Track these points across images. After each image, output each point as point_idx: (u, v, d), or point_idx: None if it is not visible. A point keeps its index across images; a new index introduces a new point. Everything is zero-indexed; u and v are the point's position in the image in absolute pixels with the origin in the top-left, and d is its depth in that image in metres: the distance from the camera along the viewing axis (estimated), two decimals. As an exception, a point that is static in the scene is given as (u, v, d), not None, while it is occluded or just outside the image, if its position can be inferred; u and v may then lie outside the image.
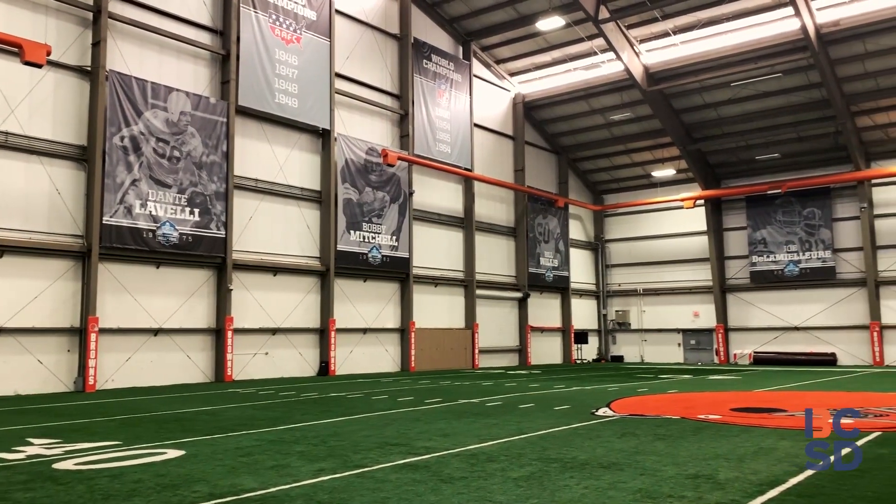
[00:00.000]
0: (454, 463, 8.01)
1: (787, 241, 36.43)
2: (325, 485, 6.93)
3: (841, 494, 6.34)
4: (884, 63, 30.41)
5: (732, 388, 19.25)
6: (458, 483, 6.93)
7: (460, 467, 7.74)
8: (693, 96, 34.97)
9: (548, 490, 6.61)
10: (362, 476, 7.33)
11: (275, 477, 7.31)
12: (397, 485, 6.88)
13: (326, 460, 8.24)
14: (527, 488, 6.68)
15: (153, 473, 7.52)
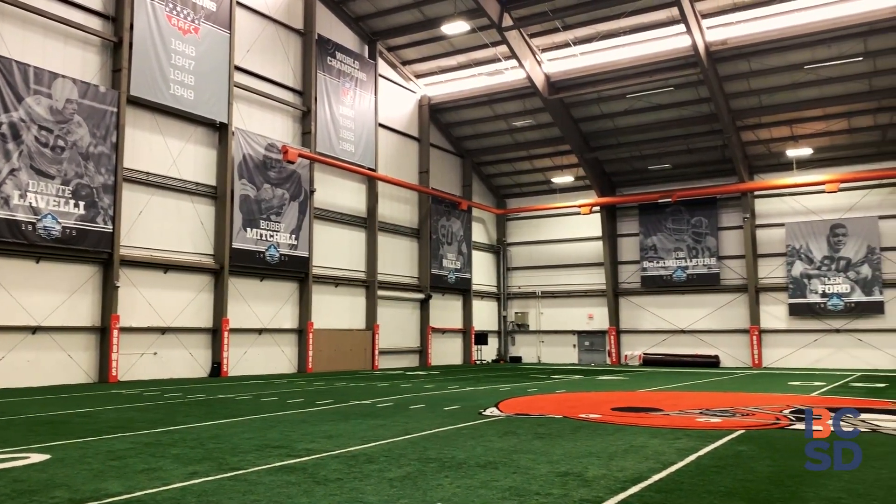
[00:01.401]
0: (332, 465, 7.97)
1: (675, 248, 38.15)
2: (195, 488, 6.75)
3: (697, 490, 6.69)
4: (767, 82, 32.31)
5: (618, 389, 19.98)
6: (331, 485, 6.90)
7: (338, 469, 7.71)
8: (591, 106, 36.11)
9: (421, 490, 6.68)
10: (235, 479, 7.19)
11: (143, 481, 7.07)
12: (270, 487, 6.78)
13: (201, 463, 8.03)
14: (400, 489, 6.72)
15: (10, 479, 7.13)
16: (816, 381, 23.43)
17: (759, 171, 36.36)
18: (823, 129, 33.64)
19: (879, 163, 33.64)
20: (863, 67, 30.50)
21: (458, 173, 41.05)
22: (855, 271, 33.81)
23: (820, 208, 34.92)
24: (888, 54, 29.52)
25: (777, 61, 31.22)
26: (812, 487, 6.74)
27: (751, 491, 6.62)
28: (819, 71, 31.00)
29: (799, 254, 35.05)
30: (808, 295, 34.70)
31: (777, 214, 36.04)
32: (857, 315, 33.72)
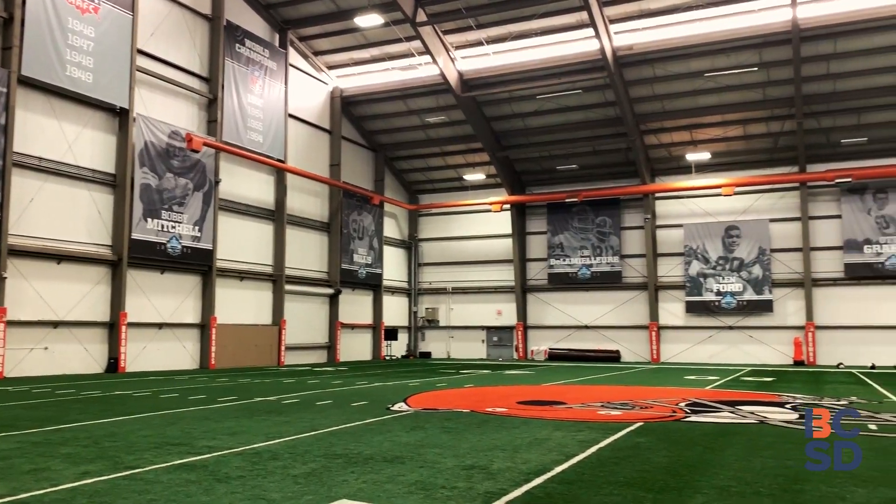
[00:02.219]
0: (235, 462, 7.75)
1: (581, 246, 39.20)
2: (86, 488, 6.42)
3: (597, 481, 6.87)
4: (669, 87, 33.62)
5: (524, 383, 20.35)
6: (234, 482, 6.71)
7: (240, 466, 7.51)
8: (503, 105, 36.61)
9: (326, 486, 6.59)
10: (131, 478, 6.88)
11: (30, 482, 6.67)
12: (168, 486, 6.53)
13: (94, 462, 7.65)
14: (305, 485, 6.60)
15: None
16: (710, 375, 24.58)
17: (661, 174, 37.79)
18: (721, 135, 35.31)
19: (771, 168, 35.58)
20: (758, 77, 32.18)
21: (371, 167, 40.80)
22: (747, 271, 35.66)
23: (716, 211, 36.63)
24: (781, 66, 31.25)
25: (679, 68, 32.52)
26: (705, 476, 7.05)
27: (648, 481, 6.86)
28: (718, 79, 32.50)
29: (696, 254, 36.67)
30: (704, 293, 36.36)
31: (676, 216, 37.57)
32: (749, 313, 35.60)
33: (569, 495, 6.25)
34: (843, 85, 31.69)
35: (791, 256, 35.11)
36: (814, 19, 29.15)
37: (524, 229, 41.07)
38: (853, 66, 30.85)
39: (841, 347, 33.67)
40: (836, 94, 32.04)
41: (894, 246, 33.19)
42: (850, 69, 30.99)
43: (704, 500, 6.09)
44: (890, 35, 29.20)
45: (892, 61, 30.21)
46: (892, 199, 33.36)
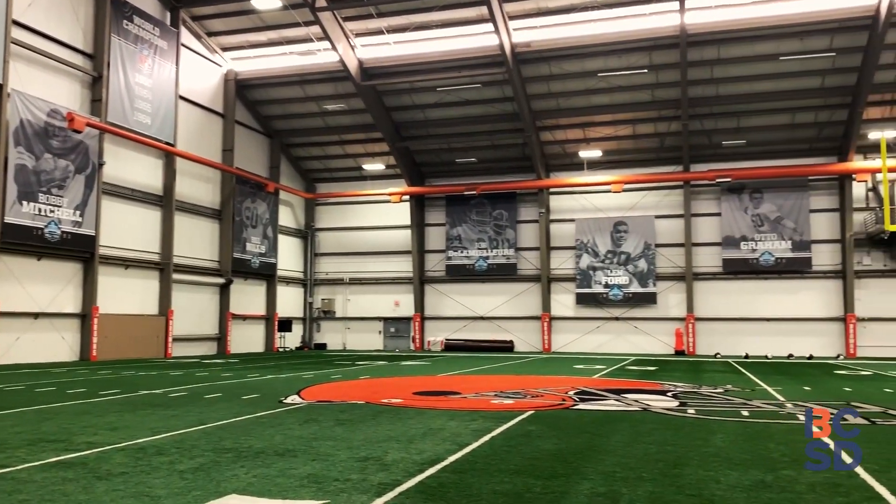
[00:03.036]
0: (117, 458, 7.40)
1: (478, 239, 39.75)
2: (-53, 492, 5.96)
3: (489, 469, 6.99)
4: (564, 86, 34.52)
5: (420, 374, 20.47)
6: (115, 479, 6.41)
7: (123, 462, 7.18)
8: (403, 96, 36.54)
9: (214, 481, 6.39)
10: (1, 477, 6.44)
11: None
12: (42, 485, 6.16)
13: (-43, 463, 7.11)
14: (192, 480, 6.39)
15: None
16: (598, 364, 25.51)
17: (555, 170, 38.80)
18: (612, 134, 36.60)
19: (658, 167, 37.21)
20: (647, 79, 33.54)
21: (266, 154, 39.81)
22: (633, 265, 37.21)
23: (606, 206, 37.97)
24: (669, 69, 32.68)
25: (574, 67, 33.45)
26: (591, 463, 7.30)
27: (538, 468, 7.04)
28: (610, 79, 33.65)
29: (586, 247, 37.92)
30: (593, 285, 37.68)
31: (569, 210, 38.71)
32: (634, 304, 37.17)
33: (461, 484, 6.33)
34: (726, 89, 33.50)
35: (674, 251, 36.90)
36: (700, 25, 30.63)
37: (423, 221, 41.22)
38: (735, 72, 32.67)
39: (718, 338, 35.73)
40: (719, 98, 33.85)
41: (768, 243, 35.46)
42: (732, 74, 32.80)
43: (591, 485, 6.31)
44: (769, 44, 31.09)
45: (770, 69, 32.17)
46: (766, 198, 35.60)
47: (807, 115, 33.99)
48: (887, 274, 34.35)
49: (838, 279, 34.75)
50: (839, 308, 34.59)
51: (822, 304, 35.00)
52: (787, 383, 17.49)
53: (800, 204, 35.22)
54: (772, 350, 34.28)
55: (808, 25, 30.02)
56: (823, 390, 15.61)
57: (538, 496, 5.93)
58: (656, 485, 6.35)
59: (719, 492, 6.10)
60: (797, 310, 35.14)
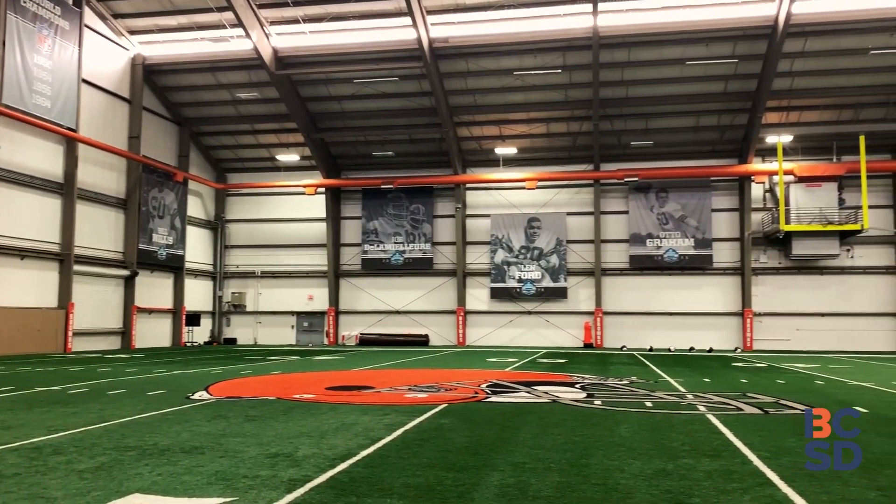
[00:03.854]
0: (10, 458, 7.04)
1: (395, 233, 39.69)
2: None
3: (401, 462, 7.02)
4: (481, 83, 34.85)
5: (334, 368, 20.29)
6: (7, 481, 6.10)
7: (16, 463, 6.83)
8: (319, 87, 36.04)
9: (116, 480, 6.17)
10: None
11: None
12: (-76, 490, 5.78)
13: None
14: (92, 480, 6.14)
15: None
16: (510, 357, 25.94)
17: (472, 165, 39.14)
18: (526, 132, 37.21)
19: (570, 165, 38.09)
20: (561, 79, 34.24)
21: (175, 142, 38.49)
22: (546, 260, 37.99)
23: (521, 203, 38.60)
24: (582, 70, 33.46)
25: (490, 64, 33.81)
26: (501, 454, 7.44)
27: (449, 460, 7.11)
28: (525, 78, 34.18)
29: (501, 243, 38.46)
30: (507, 280, 38.27)
31: (485, 206, 39.14)
32: (546, 299, 37.97)
33: (373, 478, 6.33)
34: (635, 91, 34.59)
35: (584, 248, 37.90)
36: (611, 28, 31.49)
37: (339, 214, 40.80)
38: (644, 75, 33.77)
39: (624, 331, 36.95)
40: (628, 100, 34.92)
41: (672, 240, 36.87)
42: (641, 77, 33.89)
43: (500, 477, 6.43)
44: (676, 48, 32.27)
45: (677, 73, 33.41)
46: (672, 198, 37.00)
47: (710, 118, 35.51)
48: (782, 271, 36.33)
49: (737, 276, 36.50)
50: (737, 303, 36.35)
51: (721, 300, 36.69)
52: (689, 375, 18.26)
53: (702, 203, 36.78)
54: (675, 343, 35.71)
55: (712, 32, 31.32)
56: (722, 382, 16.39)
57: (449, 489, 6.00)
58: (563, 475, 6.53)
59: (623, 480, 6.33)
60: (699, 305, 36.73)
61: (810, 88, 33.35)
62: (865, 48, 31.00)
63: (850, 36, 30.71)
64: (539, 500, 5.64)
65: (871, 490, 6.00)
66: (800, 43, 31.14)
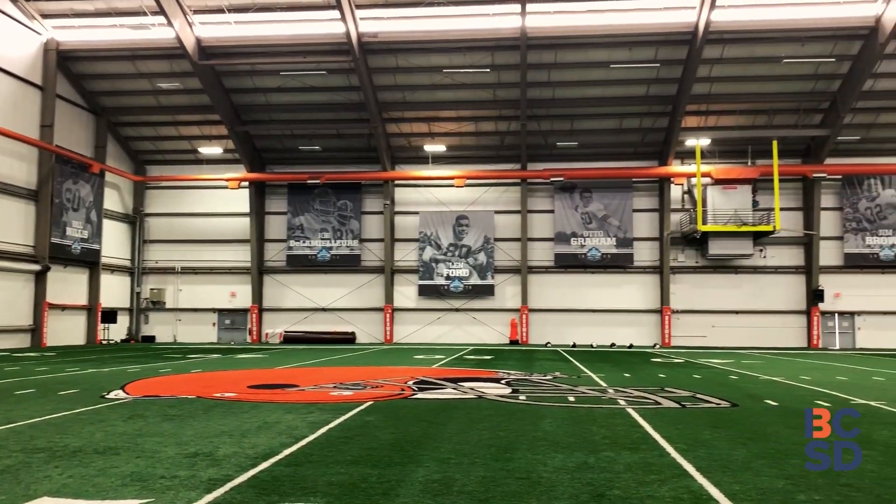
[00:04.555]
0: None
1: (322, 229, 39.21)
2: None
3: (325, 460, 6.93)
4: (410, 79, 34.77)
5: (257, 367, 19.90)
6: None
7: (-90, 469, 6.41)
8: (244, 78, 35.26)
9: (23, 484, 5.88)
10: None
11: None
12: None
13: None
14: (-5, 485, 5.82)
15: None
16: (437, 354, 26.02)
17: (400, 162, 39.05)
18: (456, 130, 37.36)
19: (498, 164, 38.46)
20: (489, 78, 34.51)
21: (91, 132, 36.94)
22: (473, 258, 38.26)
23: (449, 200, 38.74)
24: (510, 70, 33.80)
25: (420, 61, 33.78)
26: (427, 451, 7.43)
27: (374, 458, 7.07)
28: (455, 76, 34.30)
29: (430, 240, 38.52)
30: (435, 277, 38.36)
31: (414, 203, 39.11)
32: (473, 296, 38.24)
33: (296, 477, 6.23)
34: (561, 93, 35.17)
35: (511, 245, 38.33)
36: (539, 29, 31.91)
37: (263, 209, 40.00)
38: (570, 77, 34.37)
39: (549, 328, 37.59)
40: (555, 101, 35.49)
41: (595, 239, 37.69)
42: (567, 79, 34.47)
43: (426, 472, 6.42)
44: (601, 51, 32.96)
45: (602, 75, 34.14)
46: (595, 198, 37.82)
47: (633, 120, 36.45)
48: (698, 270, 37.64)
49: (656, 274, 37.62)
50: (656, 301, 37.48)
51: (641, 297, 37.76)
52: (610, 370, 18.71)
53: (624, 204, 37.75)
54: (597, 339, 36.56)
55: (635, 36, 32.14)
56: (641, 376, 16.85)
57: (374, 486, 5.96)
58: (488, 469, 6.58)
59: (546, 474, 6.42)
60: (620, 302, 37.70)
61: (727, 94, 34.64)
62: (779, 56, 32.40)
63: (764, 44, 32.03)
64: (463, 495, 5.66)
65: (780, 479, 6.27)
66: (718, 49, 32.29)
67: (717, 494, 5.75)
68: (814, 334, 36.26)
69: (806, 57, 32.31)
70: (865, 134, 35.74)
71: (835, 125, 34.01)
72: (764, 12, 30.99)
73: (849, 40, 31.59)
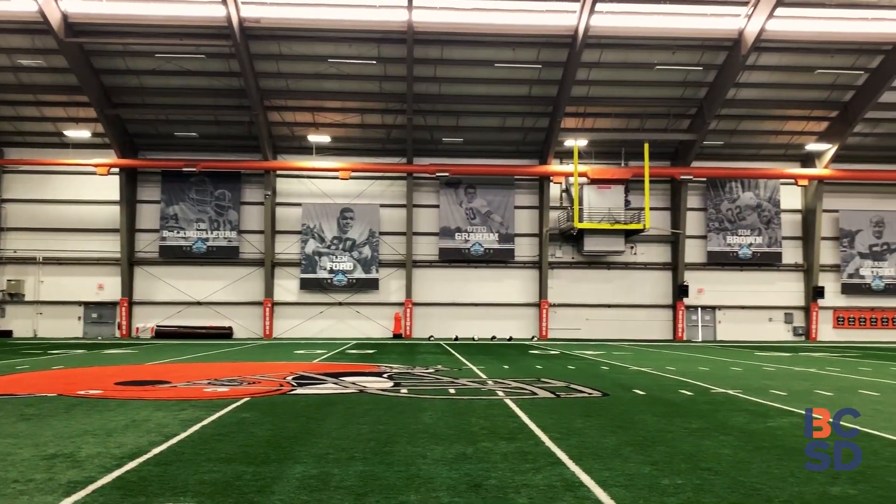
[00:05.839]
0: None
1: (198, 219, 37.72)
2: None
3: (198, 458, 6.67)
4: (294, 67, 34.02)
5: (126, 362, 18.92)
6: None
7: None
8: (116, 59, 33.36)
9: None
10: None
11: None
12: None
13: None
14: None
15: None
16: (319, 349, 25.66)
17: (283, 152, 38.16)
18: (341, 121, 36.90)
19: (384, 157, 38.33)
20: (376, 70, 34.31)
21: (-61, 109, 33.86)
22: (358, 251, 37.99)
23: (334, 192, 38.25)
24: (396, 63, 33.70)
25: (304, 49, 33.12)
26: (305, 447, 7.30)
27: (250, 455, 6.87)
28: (340, 66, 33.86)
29: (313, 233, 37.89)
30: (318, 271, 37.80)
31: (296, 194, 38.34)
32: (357, 290, 37.98)
33: (165, 476, 5.96)
34: (447, 89, 35.47)
35: (396, 239, 38.33)
36: (426, 24, 31.99)
37: (135, 197, 37.99)
38: (456, 73, 34.70)
39: (433, 322, 37.93)
40: (441, 97, 35.74)
41: (478, 235, 38.33)
42: (453, 75, 34.79)
43: (303, 469, 6.31)
44: (486, 50, 33.46)
45: (486, 74, 34.67)
46: (479, 194, 38.44)
47: (515, 119, 37.29)
48: (574, 265, 39.05)
49: (535, 269, 38.72)
50: (535, 295, 38.59)
51: (521, 291, 38.76)
52: (490, 362, 19.09)
53: (506, 200, 38.59)
54: (479, 332, 37.23)
55: (519, 37, 32.86)
56: (519, 368, 17.29)
57: (248, 483, 5.79)
58: (367, 463, 6.54)
59: (425, 466, 6.45)
60: (501, 296, 38.55)
61: (604, 97, 36.05)
62: (652, 63, 34.06)
63: (639, 51, 33.58)
64: (341, 490, 5.60)
65: (646, 465, 6.59)
66: (596, 54, 33.55)
67: (587, 481, 5.97)
68: (679, 327, 38.47)
69: (676, 65, 34.13)
70: (728, 139, 38.20)
71: (701, 130, 36.16)
72: (639, 20, 32.43)
73: (715, 51, 33.63)
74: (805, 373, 16.87)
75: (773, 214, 39.05)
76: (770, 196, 39.09)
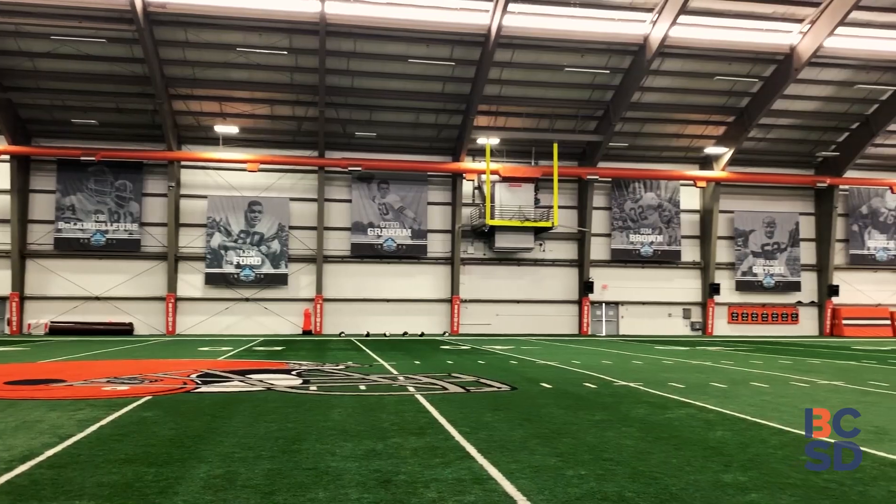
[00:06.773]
0: None
1: (97, 211, 36.05)
2: None
3: (95, 460, 6.40)
4: (201, 55, 32.96)
5: (16, 360, 17.90)
6: None
7: None
8: (6, 39, 31.44)
9: None
10: None
11: None
12: None
13: None
14: None
15: None
16: (225, 346, 25.01)
17: (188, 142, 36.91)
18: (249, 112, 36.02)
19: (294, 150, 37.67)
20: (287, 61, 33.66)
21: None
22: (266, 246, 37.21)
23: (241, 185, 37.30)
24: (308, 54, 33.15)
25: (212, 37, 32.15)
26: (210, 445, 7.12)
27: (151, 455, 6.64)
28: (249, 56, 33.03)
29: (219, 226, 36.85)
30: (224, 265, 36.80)
31: (202, 186, 37.19)
32: (266, 285, 37.21)
33: (59, 479, 5.69)
34: (360, 83, 35.16)
35: (307, 234, 37.77)
36: (339, 17, 31.60)
37: (27, 186, 35.90)
38: (369, 67, 34.45)
39: (344, 318, 37.59)
40: (354, 90, 35.41)
41: (391, 230, 38.24)
42: (366, 69, 34.52)
43: (208, 468, 6.15)
44: (400, 45, 33.35)
45: (400, 69, 34.55)
46: (392, 189, 38.35)
47: (429, 116, 37.38)
48: (485, 262, 39.56)
49: (447, 265, 38.99)
50: (447, 290, 38.86)
51: (433, 287, 38.95)
52: (401, 358, 19.12)
53: (420, 196, 38.66)
54: (390, 328, 37.18)
55: (433, 34, 32.92)
56: (431, 363, 17.40)
57: (150, 484, 5.60)
58: (275, 462, 6.44)
59: (334, 463, 6.41)
60: (413, 292, 38.62)
61: (515, 97, 36.63)
62: (561, 65, 34.83)
63: (549, 52, 34.26)
64: (248, 489, 5.50)
65: (552, 457, 6.76)
66: (508, 54, 34.03)
67: (495, 473, 6.07)
68: (584, 322, 39.59)
69: (585, 67, 35.04)
70: (632, 141, 39.54)
71: (607, 132, 37.28)
72: (550, 22, 33.08)
73: (621, 55, 34.71)
74: (701, 366, 17.70)
75: (674, 214, 40.72)
76: (671, 197, 40.74)
